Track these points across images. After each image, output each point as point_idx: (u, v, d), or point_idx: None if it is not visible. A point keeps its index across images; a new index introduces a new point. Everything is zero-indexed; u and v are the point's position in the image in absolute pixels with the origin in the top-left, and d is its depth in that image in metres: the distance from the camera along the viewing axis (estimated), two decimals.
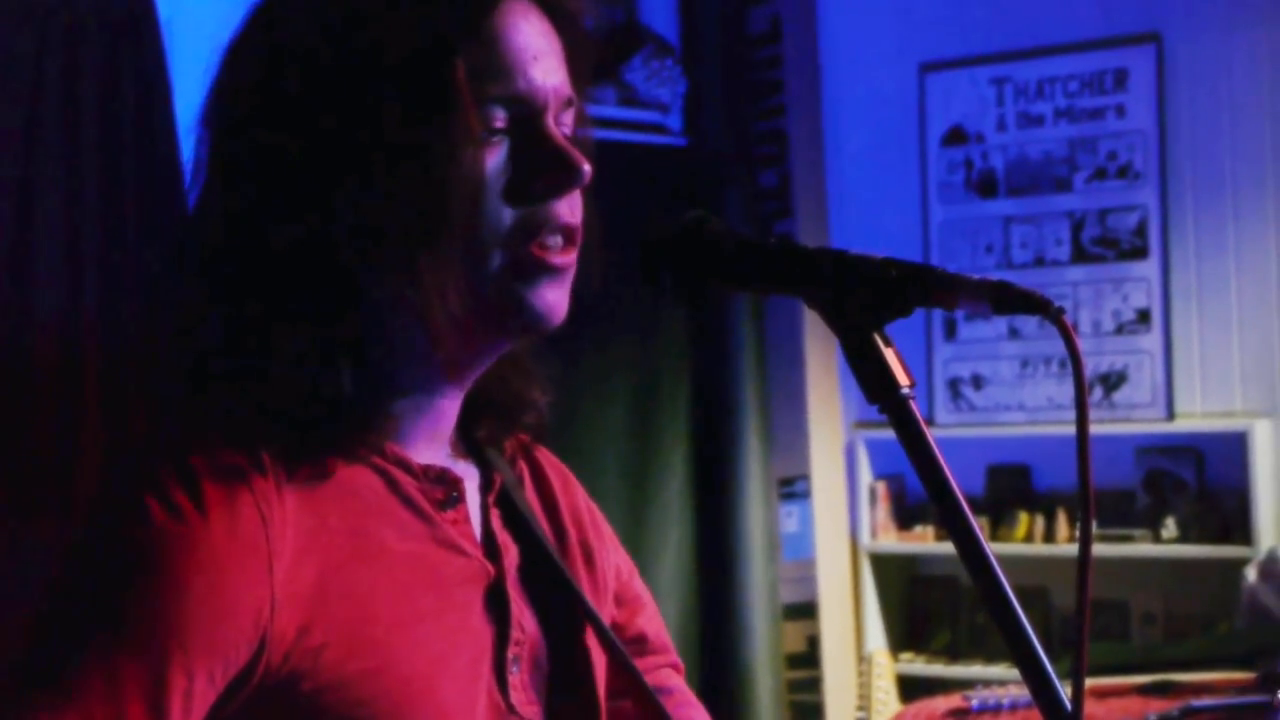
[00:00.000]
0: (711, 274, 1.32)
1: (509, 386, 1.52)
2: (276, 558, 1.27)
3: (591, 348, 4.77)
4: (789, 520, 5.47)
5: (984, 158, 5.55)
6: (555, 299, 1.39)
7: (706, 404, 5.23)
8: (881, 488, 5.63)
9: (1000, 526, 5.42)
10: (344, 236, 1.33)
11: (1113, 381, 5.34)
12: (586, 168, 1.38)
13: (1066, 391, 5.39)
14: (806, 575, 5.48)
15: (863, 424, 5.60)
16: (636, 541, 4.96)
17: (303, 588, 1.28)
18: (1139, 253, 5.32)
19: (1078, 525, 5.18)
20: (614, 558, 1.65)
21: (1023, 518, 5.41)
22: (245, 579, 1.26)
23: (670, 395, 5.14)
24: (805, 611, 5.46)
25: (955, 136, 5.60)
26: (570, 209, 1.39)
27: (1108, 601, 5.30)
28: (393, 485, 1.38)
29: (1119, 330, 5.34)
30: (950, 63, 5.61)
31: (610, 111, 5.10)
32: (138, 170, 3.46)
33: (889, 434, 1.23)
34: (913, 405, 1.23)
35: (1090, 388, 5.34)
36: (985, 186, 5.55)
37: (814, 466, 5.49)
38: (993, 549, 1.21)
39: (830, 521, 5.54)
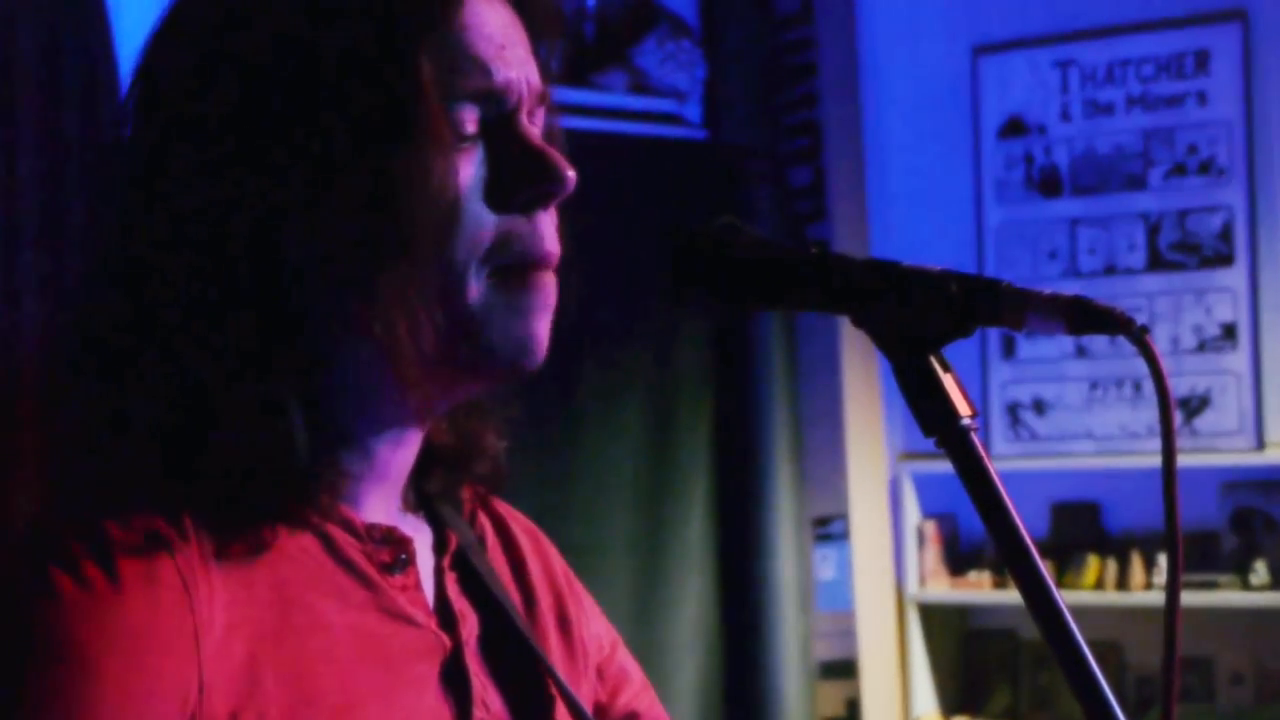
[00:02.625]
0: (745, 292, 1.33)
1: (460, 431, 1.52)
2: (204, 633, 1.27)
3: (599, 368, 4.77)
4: (825, 566, 5.47)
5: (1046, 152, 5.56)
6: (542, 332, 1.40)
7: (730, 433, 5.24)
8: (931, 528, 5.63)
9: (1066, 572, 5.42)
10: (294, 262, 1.33)
11: (1194, 406, 5.34)
12: (570, 174, 1.39)
13: (1141, 418, 5.39)
14: (845, 629, 5.48)
15: (909, 455, 5.60)
16: (651, 591, 4.97)
17: (233, 666, 1.28)
18: (1223, 260, 5.32)
19: (1155, 571, 5.17)
20: (595, 626, 1.65)
21: (1092, 562, 5.41)
22: (168, 657, 1.25)
23: (689, 423, 5.14)
24: (844, 670, 5.46)
25: (1013, 128, 5.61)
26: (552, 234, 1.40)
27: (1190, 658, 5.30)
28: (331, 548, 1.37)
29: (1201, 348, 5.34)
30: (1008, 44, 5.62)
31: (620, 100, 5.12)
32: (81, 161, 3.48)
33: (939, 467, 1.25)
34: (975, 438, 1.24)
35: (1174, 410, 5.33)
36: (1048, 185, 5.55)
37: (853, 504, 5.49)
38: None
39: (872, 567, 5.54)
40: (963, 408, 1.24)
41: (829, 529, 5.50)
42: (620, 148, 4.95)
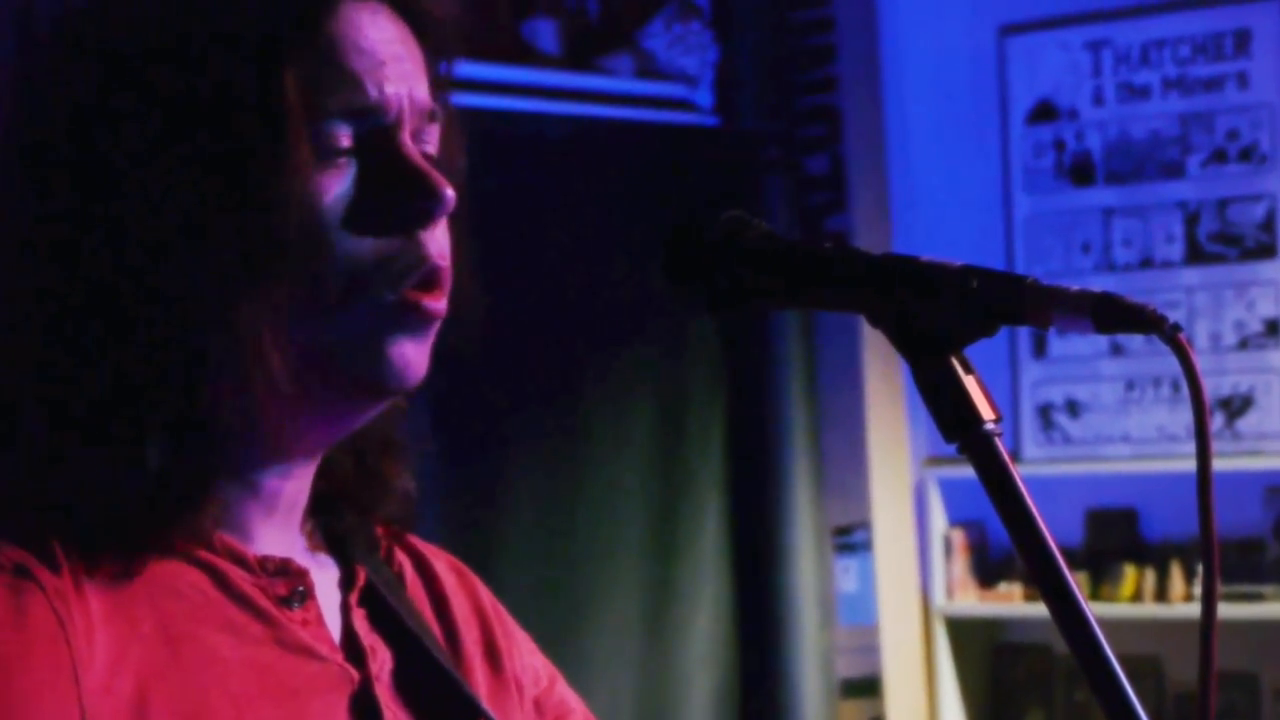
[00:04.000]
0: (754, 291, 1.33)
1: (365, 466, 1.53)
2: (82, 666, 1.27)
3: (605, 371, 4.77)
4: (846, 577, 5.47)
5: (1078, 138, 5.55)
6: (415, 355, 1.39)
7: (745, 438, 5.23)
8: (958, 537, 5.62)
9: (1102, 583, 5.41)
10: (152, 291, 1.33)
11: (1236, 406, 5.33)
12: (449, 193, 1.37)
13: (1181, 419, 5.39)
14: (868, 644, 5.48)
15: (935, 460, 5.59)
16: (663, 606, 4.97)
17: (119, 702, 1.28)
18: (1266, 251, 5.32)
19: (1196, 581, 5.19)
20: (529, 660, 1.66)
21: (1129, 573, 5.40)
22: (42, 691, 1.25)
23: (701, 428, 5.14)
24: (867, 688, 5.46)
25: (1043, 113, 5.60)
26: (439, 249, 1.39)
27: (1234, 673, 5.29)
28: (221, 582, 1.38)
29: (1243, 345, 5.33)
30: (1037, 24, 5.61)
31: (626, 85, 5.12)
32: None
33: (967, 472, 1.24)
34: (999, 443, 1.24)
35: (1210, 414, 5.32)
36: (1080, 173, 5.55)
37: (876, 512, 5.49)
38: (1094, 610, 1.22)
39: (896, 579, 5.54)
40: (986, 411, 1.24)
41: (850, 538, 5.50)
42: (626, 135, 4.95)
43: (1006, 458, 1.23)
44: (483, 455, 4.39)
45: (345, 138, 1.35)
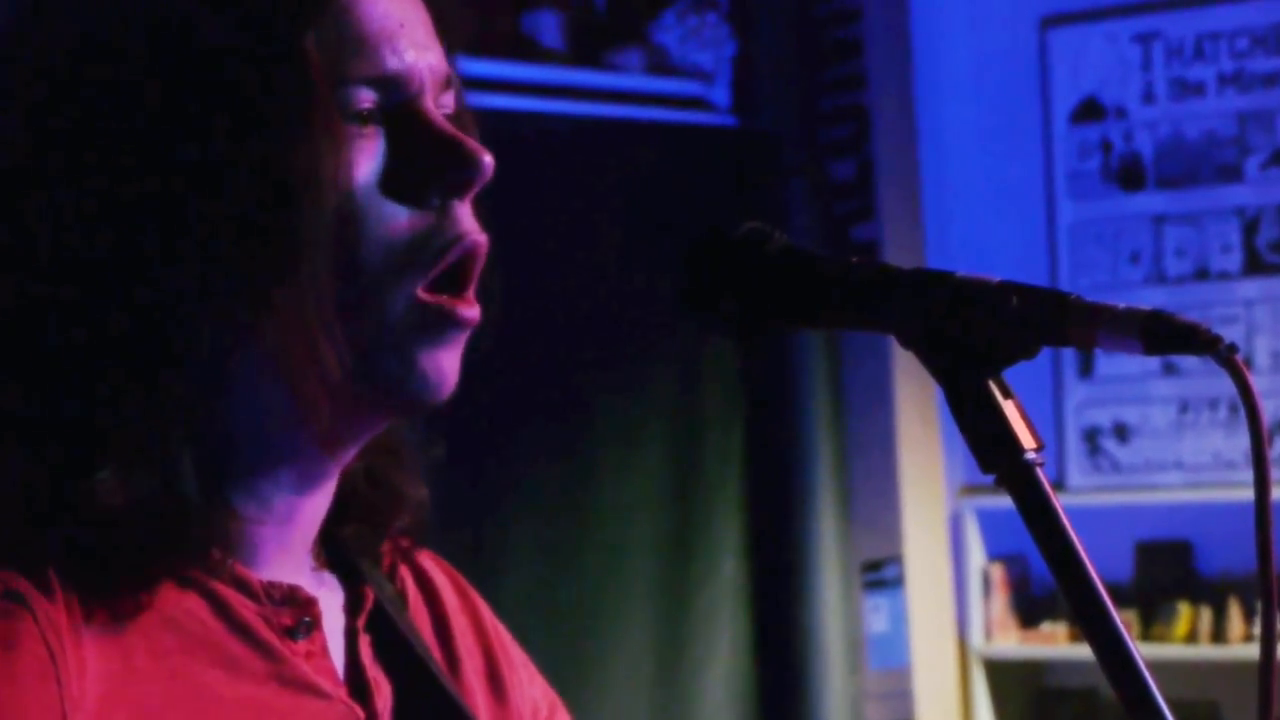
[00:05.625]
0: (773, 311, 1.34)
1: (377, 476, 1.53)
2: (73, 707, 1.27)
3: (612, 393, 4.77)
4: (876, 617, 5.47)
5: (1127, 139, 5.56)
6: (450, 365, 1.41)
7: (766, 466, 5.24)
8: (998, 572, 5.63)
9: (1154, 623, 5.42)
10: (174, 278, 1.33)
11: None
12: (487, 159, 1.39)
13: (1238, 444, 5.39)
14: (900, 689, 5.48)
15: (972, 489, 5.60)
16: (678, 648, 4.96)
17: None
18: None
19: (1256, 620, 5.19)
20: (529, 690, 1.66)
21: (1183, 611, 5.40)
22: None
23: (718, 455, 5.14)
24: None
25: (1089, 111, 5.61)
26: (473, 223, 1.41)
27: None
28: (222, 610, 1.38)
29: None
30: (1081, 15, 5.62)
31: (636, 82, 5.12)
32: None
33: (1008, 501, 1.24)
34: (1040, 474, 1.24)
35: (1270, 440, 5.33)
36: (1129, 177, 5.55)
37: (908, 546, 5.49)
38: (1144, 652, 1.22)
39: (930, 618, 5.54)
40: (1026, 439, 1.24)
41: (881, 574, 5.50)
42: (636, 136, 4.95)
43: (1048, 489, 1.23)
44: (482, 483, 4.39)
45: (369, 103, 1.37)
